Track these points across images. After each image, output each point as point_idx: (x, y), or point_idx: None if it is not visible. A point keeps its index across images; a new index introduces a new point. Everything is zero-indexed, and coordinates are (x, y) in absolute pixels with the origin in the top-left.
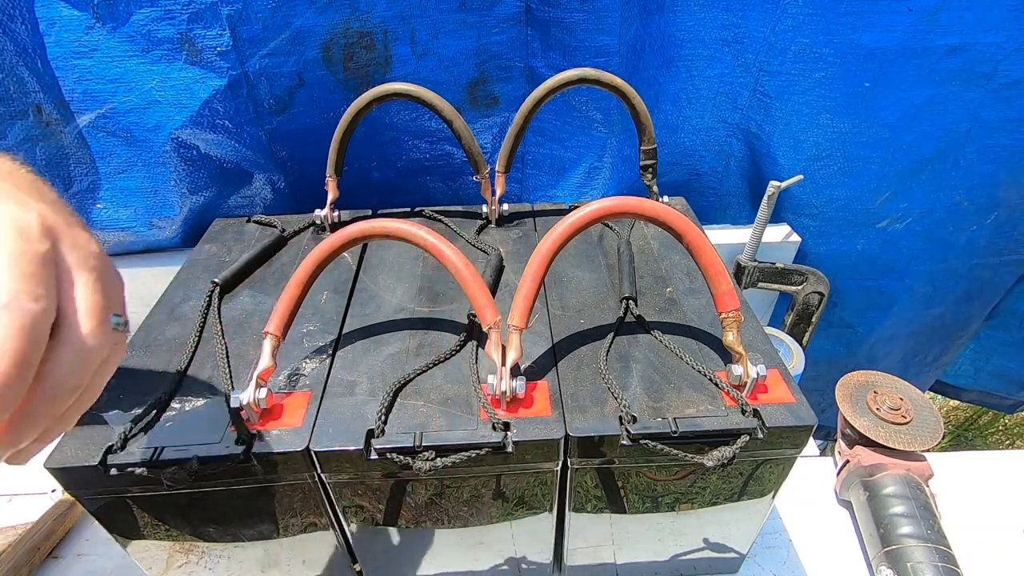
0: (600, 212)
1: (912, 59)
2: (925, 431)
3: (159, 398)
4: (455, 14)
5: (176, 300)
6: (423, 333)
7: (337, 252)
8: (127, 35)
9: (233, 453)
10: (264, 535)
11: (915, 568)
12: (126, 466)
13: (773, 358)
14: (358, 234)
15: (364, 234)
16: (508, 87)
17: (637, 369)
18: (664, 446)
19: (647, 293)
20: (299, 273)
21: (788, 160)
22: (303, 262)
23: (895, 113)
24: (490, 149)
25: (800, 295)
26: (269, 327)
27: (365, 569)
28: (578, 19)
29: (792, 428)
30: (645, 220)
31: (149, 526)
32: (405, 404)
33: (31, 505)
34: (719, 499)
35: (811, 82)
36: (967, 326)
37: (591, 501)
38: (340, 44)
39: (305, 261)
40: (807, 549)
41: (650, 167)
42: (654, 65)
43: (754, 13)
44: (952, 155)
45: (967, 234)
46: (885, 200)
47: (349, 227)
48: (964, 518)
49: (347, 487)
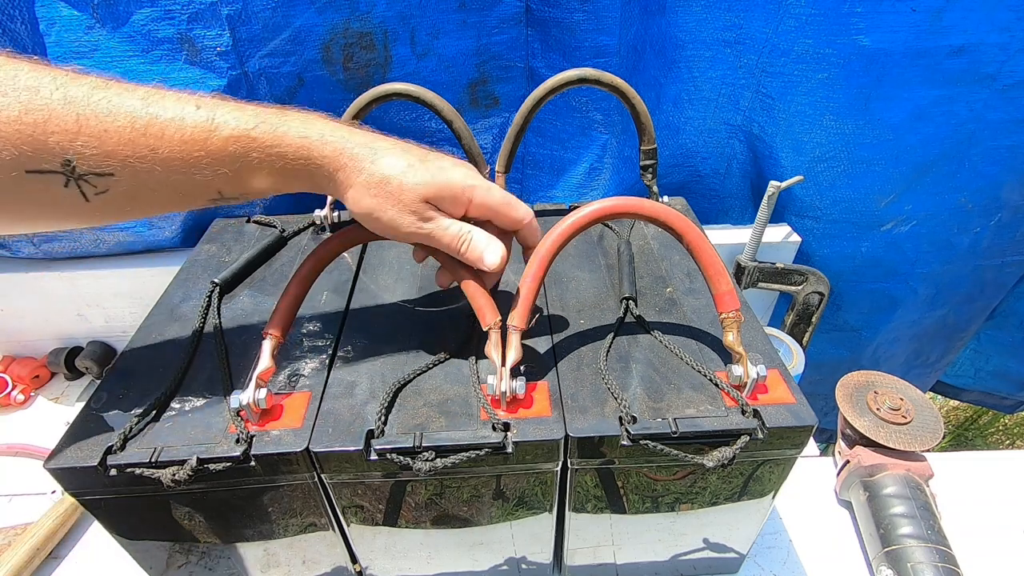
0: (600, 212)
1: (916, 60)
2: (925, 431)
3: (159, 398)
4: (455, 14)
5: (176, 300)
6: (423, 333)
7: (338, 252)
8: (127, 35)
9: (233, 453)
10: (264, 535)
11: (915, 568)
12: (126, 466)
13: (773, 358)
14: (359, 234)
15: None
16: (508, 87)
17: (637, 369)
18: (664, 446)
19: (647, 293)
20: (300, 273)
21: (790, 162)
22: (304, 262)
23: (899, 114)
24: (490, 149)
25: (800, 295)
26: (269, 327)
27: (365, 569)
28: (578, 19)
29: (792, 428)
30: (645, 220)
31: (149, 526)
32: (405, 404)
33: (31, 505)
34: (719, 499)
35: (814, 83)
36: (969, 327)
37: (591, 501)
38: (340, 44)
39: (306, 261)
40: (807, 549)
41: (650, 167)
42: (655, 66)
43: (756, 14)
44: (957, 156)
45: (971, 236)
46: (889, 202)
47: (351, 227)
48: (964, 518)
49: (347, 487)
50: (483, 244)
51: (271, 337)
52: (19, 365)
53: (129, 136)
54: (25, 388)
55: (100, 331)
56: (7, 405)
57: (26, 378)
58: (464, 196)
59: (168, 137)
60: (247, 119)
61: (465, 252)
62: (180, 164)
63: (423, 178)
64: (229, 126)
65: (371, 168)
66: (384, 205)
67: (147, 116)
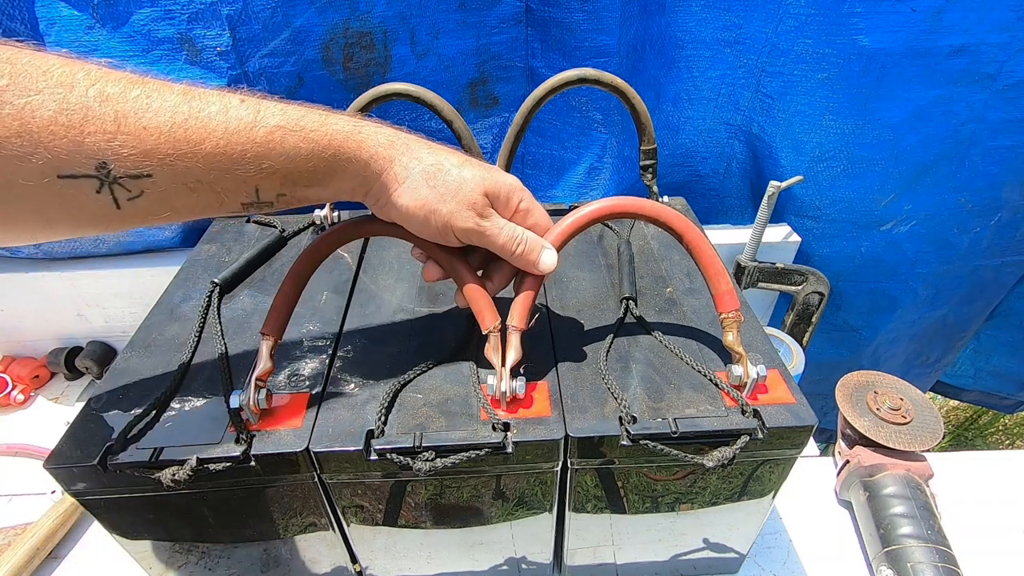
0: (600, 212)
1: (915, 60)
2: (925, 431)
3: (159, 398)
4: (455, 14)
5: (176, 300)
6: (423, 333)
7: (331, 248)
8: (127, 35)
9: (233, 453)
10: (264, 535)
11: (915, 568)
12: (126, 466)
13: (773, 358)
14: (352, 230)
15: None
16: (508, 87)
17: (637, 369)
18: (664, 446)
19: (647, 293)
20: (293, 271)
21: (790, 161)
22: (297, 260)
23: (898, 114)
24: (490, 149)
25: (800, 295)
26: (265, 328)
27: (365, 569)
28: (578, 19)
29: (792, 428)
30: (645, 220)
31: (149, 526)
32: (405, 404)
33: (31, 505)
34: (719, 499)
35: (813, 83)
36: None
37: (591, 501)
38: (340, 44)
39: (299, 259)
40: (807, 549)
41: (650, 167)
42: (655, 66)
43: (755, 14)
44: (956, 156)
45: (970, 236)
46: (889, 202)
47: (344, 223)
48: (964, 518)
49: (347, 487)
50: (539, 247)
51: (268, 338)
52: (19, 365)
53: (171, 132)
54: (25, 388)
55: (100, 331)
56: (7, 405)
57: (26, 378)
58: (515, 199)
59: (212, 129)
60: (293, 111)
61: (521, 253)
62: (222, 160)
63: (481, 174)
64: (276, 117)
65: (429, 159)
66: (445, 196)
67: (189, 110)
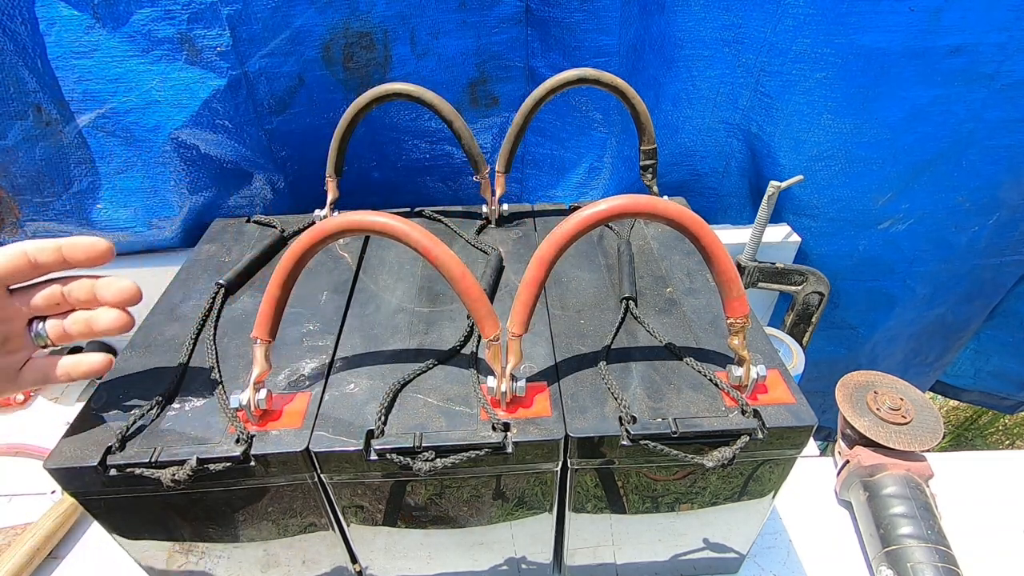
0: (609, 212)
1: (914, 59)
2: (925, 431)
3: (159, 398)
4: (455, 14)
5: (176, 300)
6: (423, 333)
7: (316, 248)
8: (127, 35)
9: (233, 453)
10: (264, 535)
11: (915, 568)
12: (126, 466)
13: (773, 358)
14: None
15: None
16: (508, 87)
17: (637, 369)
18: (664, 446)
19: (647, 293)
20: (278, 272)
21: (789, 160)
22: (281, 260)
23: (897, 113)
24: (490, 149)
25: (800, 295)
26: (256, 332)
27: (365, 569)
28: (578, 19)
29: (792, 428)
30: (661, 221)
31: (149, 526)
32: (405, 404)
33: (31, 505)
34: (719, 499)
35: (812, 82)
36: (968, 326)
37: (591, 501)
38: (340, 44)
39: (284, 259)
40: (807, 549)
41: (650, 167)
42: (654, 65)
43: (754, 13)
44: (955, 156)
45: (968, 235)
46: (887, 201)
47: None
48: (964, 518)
49: (347, 487)
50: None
51: (260, 342)
52: None
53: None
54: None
55: None
56: (7, 405)
57: None
58: None
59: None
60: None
61: None
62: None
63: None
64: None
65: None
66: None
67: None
